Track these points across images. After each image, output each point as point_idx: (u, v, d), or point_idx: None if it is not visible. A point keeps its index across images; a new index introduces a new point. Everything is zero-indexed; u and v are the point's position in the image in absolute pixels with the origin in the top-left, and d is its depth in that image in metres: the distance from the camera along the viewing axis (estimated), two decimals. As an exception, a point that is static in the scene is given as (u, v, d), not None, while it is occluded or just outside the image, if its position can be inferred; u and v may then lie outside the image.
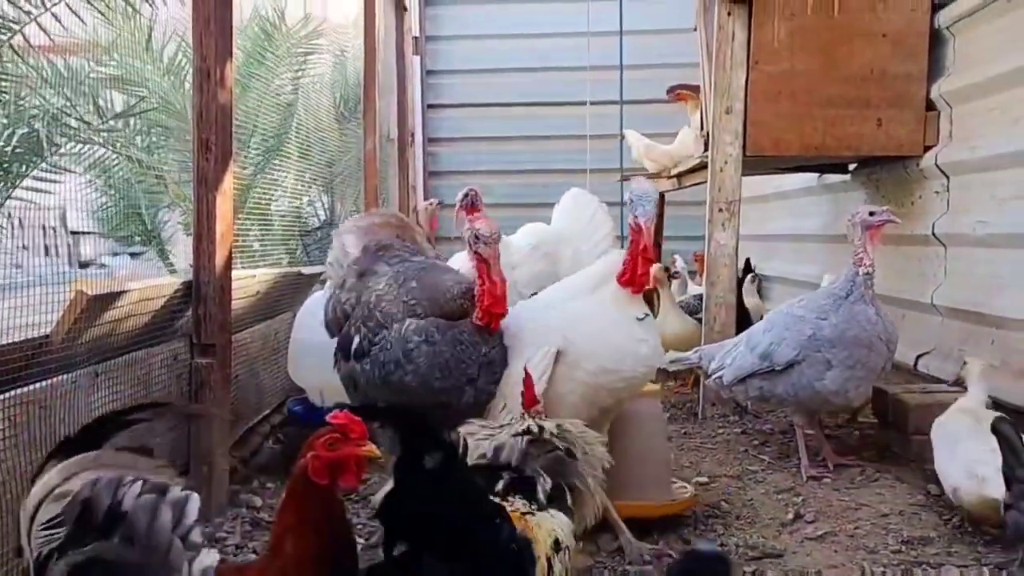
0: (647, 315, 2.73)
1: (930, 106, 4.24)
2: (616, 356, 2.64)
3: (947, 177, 4.14)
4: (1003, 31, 3.76)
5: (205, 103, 2.89)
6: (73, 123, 4.78)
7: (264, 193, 5.74)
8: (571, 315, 2.72)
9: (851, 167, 5.11)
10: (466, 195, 4.56)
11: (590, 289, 2.78)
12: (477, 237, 2.66)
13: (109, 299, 2.42)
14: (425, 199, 7.63)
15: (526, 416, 2.21)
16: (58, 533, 1.48)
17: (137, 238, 6.30)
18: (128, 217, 6.12)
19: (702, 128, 4.98)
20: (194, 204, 2.91)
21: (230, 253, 3.03)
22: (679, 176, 5.47)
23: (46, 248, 4.84)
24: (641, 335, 2.68)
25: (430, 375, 2.62)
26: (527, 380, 2.35)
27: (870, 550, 2.68)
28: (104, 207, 6.01)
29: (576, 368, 2.63)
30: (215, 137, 2.88)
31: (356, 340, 2.80)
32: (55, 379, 2.23)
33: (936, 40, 4.21)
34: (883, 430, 3.76)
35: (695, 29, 5.16)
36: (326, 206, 7.28)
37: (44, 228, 4.71)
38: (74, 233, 5.08)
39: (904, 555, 2.64)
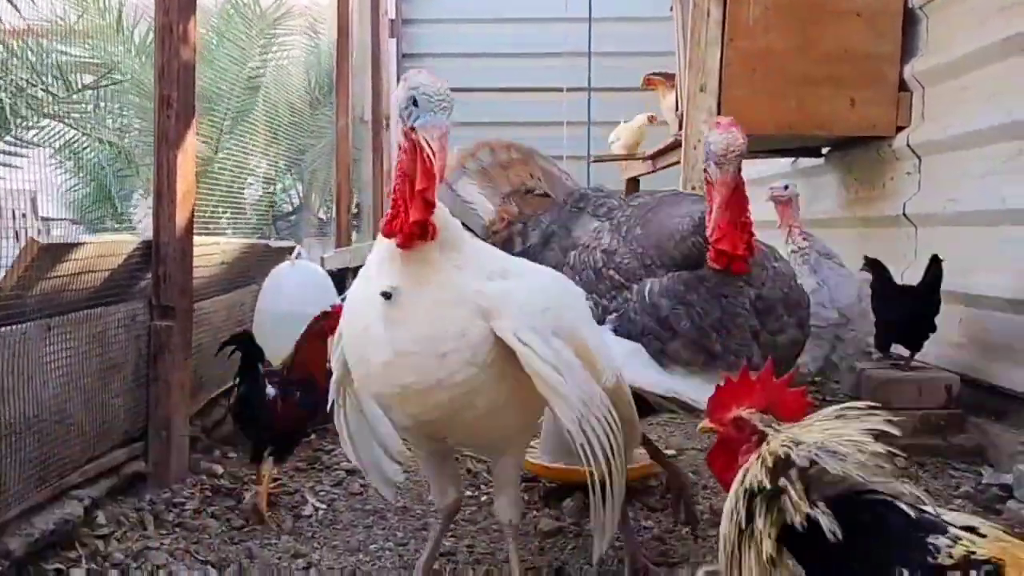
0: (395, 288, 1.74)
1: (903, 86, 4.24)
2: (359, 362, 1.87)
3: (919, 158, 4.15)
4: (974, 10, 3.77)
5: (167, 59, 2.84)
6: (39, 95, 4.71)
7: (236, 177, 5.68)
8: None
9: (824, 151, 5.12)
10: None
11: (376, 263, 1.85)
12: (707, 154, 2.05)
13: (62, 251, 2.36)
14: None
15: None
16: None
17: (109, 222, 6.22)
18: (99, 201, 6.03)
19: (677, 108, 4.96)
20: (154, 162, 2.85)
21: (192, 214, 2.97)
22: (653, 157, 5.45)
23: (16, 233, 4.76)
24: (379, 329, 1.76)
25: (704, 340, 2.07)
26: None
27: (835, 516, 2.67)
28: (74, 189, 5.93)
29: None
30: (177, 93, 2.82)
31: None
32: (3, 328, 2.17)
33: (909, 20, 4.21)
34: (852, 406, 3.75)
35: (671, 9, 5.14)
36: (300, 192, 7.23)
37: (14, 213, 4.64)
38: (45, 219, 5.00)
39: (869, 521, 2.63)
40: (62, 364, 2.42)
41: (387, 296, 1.74)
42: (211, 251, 3.44)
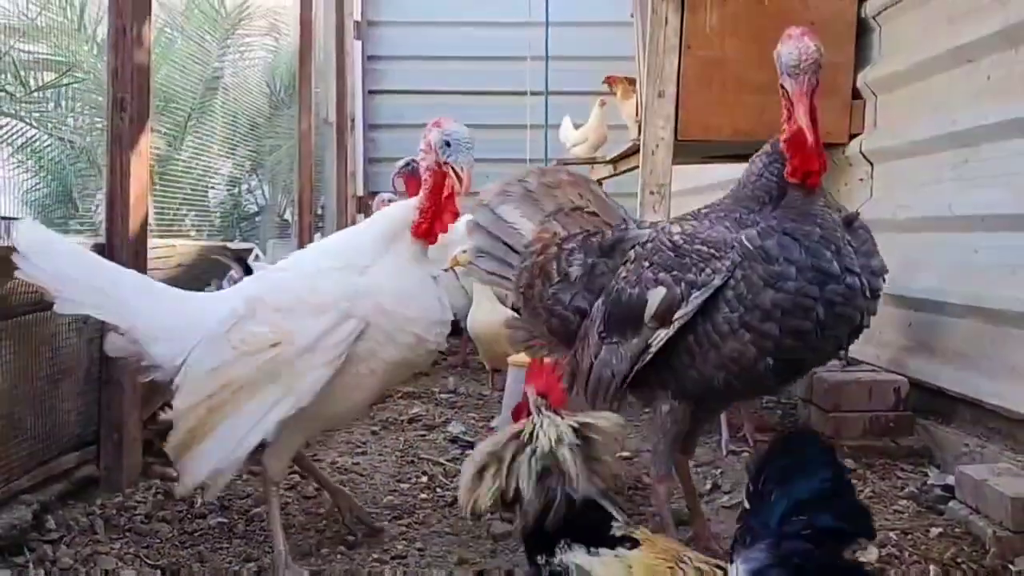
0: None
1: (856, 94, 4.32)
2: (426, 324, 2.38)
3: (871, 164, 4.23)
4: (924, 20, 3.85)
5: (121, 62, 2.82)
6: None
7: (199, 178, 5.65)
8: (375, 279, 2.36)
9: (782, 157, 5.19)
10: (407, 164, 4.63)
11: (384, 246, 2.43)
12: (780, 68, 2.22)
13: (6, 253, 2.34)
14: (364, 185, 7.61)
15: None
16: None
17: (71, 223, 6.14)
18: (60, 201, 5.96)
19: (637, 114, 5.02)
20: (107, 164, 2.84)
21: (146, 217, 2.96)
22: (614, 161, 5.51)
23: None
24: (439, 295, 2.47)
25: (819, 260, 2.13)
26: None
27: (782, 518, 2.71)
28: (35, 188, 5.85)
29: (387, 343, 2.33)
30: (131, 96, 2.81)
31: (660, 294, 2.23)
32: (-52, 332, 2.15)
33: (863, 29, 4.29)
34: (805, 407, 3.82)
35: (632, 16, 5.20)
36: (265, 193, 7.19)
37: (-26, 215, 4.58)
38: (3, 219, 4.93)
39: (815, 522, 2.68)
40: (10, 368, 2.40)
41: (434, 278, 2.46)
42: (167, 253, 3.43)
